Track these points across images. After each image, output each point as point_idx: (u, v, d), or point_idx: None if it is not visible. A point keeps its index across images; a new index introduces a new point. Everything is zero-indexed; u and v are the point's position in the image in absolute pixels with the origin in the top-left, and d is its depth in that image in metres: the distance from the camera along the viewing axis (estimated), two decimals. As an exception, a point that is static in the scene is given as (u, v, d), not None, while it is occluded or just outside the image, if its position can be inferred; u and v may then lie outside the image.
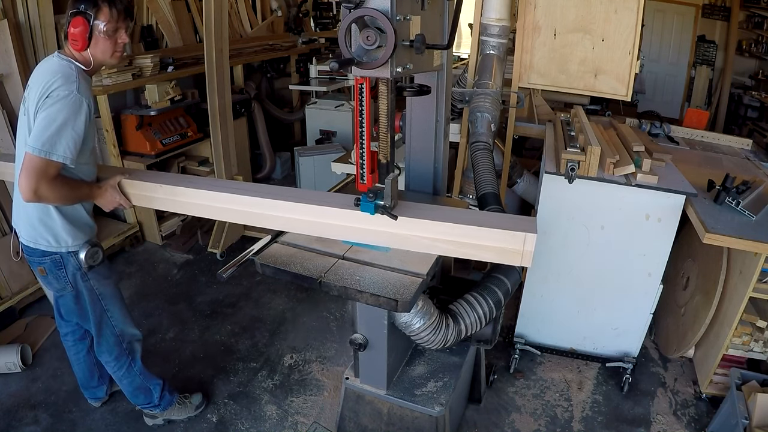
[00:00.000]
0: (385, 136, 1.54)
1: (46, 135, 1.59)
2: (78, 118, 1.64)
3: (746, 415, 2.03)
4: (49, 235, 1.82)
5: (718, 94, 6.05)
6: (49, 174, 1.62)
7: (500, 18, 2.71)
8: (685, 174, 2.40)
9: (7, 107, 2.89)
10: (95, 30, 1.70)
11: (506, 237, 1.44)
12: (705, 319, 2.42)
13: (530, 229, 1.43)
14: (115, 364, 2.11)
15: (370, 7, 1.28)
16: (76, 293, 1.95)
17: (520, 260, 1.45)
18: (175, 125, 3.80)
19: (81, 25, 1.67)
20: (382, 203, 1.49)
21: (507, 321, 2.83)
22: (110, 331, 2.05)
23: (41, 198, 1.64)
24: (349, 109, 4.66)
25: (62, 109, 1.61)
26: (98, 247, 1.92)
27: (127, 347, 2.11)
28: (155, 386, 2.22)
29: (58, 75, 1.65)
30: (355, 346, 1.82)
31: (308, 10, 6.20)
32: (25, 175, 1.59)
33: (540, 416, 2.42)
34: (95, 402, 2.38)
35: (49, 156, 1.59)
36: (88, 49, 1.72)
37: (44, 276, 1.92)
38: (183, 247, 3.79)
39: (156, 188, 1.85)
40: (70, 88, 1.63)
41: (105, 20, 1.70)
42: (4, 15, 2.81)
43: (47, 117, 1.60)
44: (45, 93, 1.62)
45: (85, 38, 1.69)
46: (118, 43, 1.77)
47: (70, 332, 2.19)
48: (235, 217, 1.78)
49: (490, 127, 2.36)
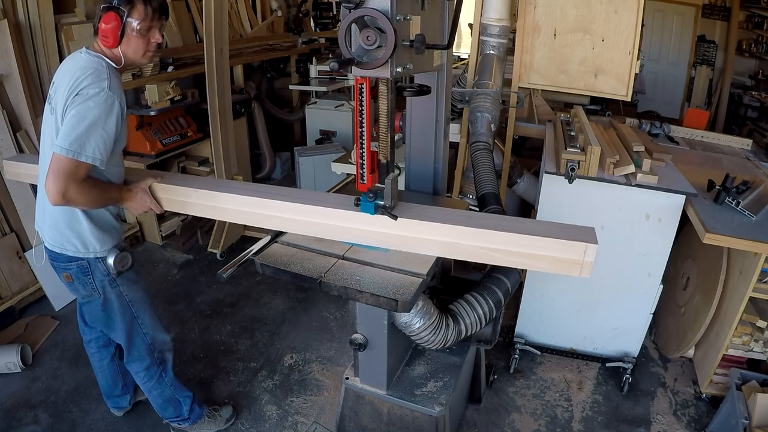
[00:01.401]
0: (385, 136, 1.54)
1: (75, 134, 1.51)
2: (109, 117, 1.56)
3: (746, 415, 2.03)
4: (76, 240, 1.74)
5: (718, 94, 6.05)
6: (78, 176, 1.54)
7: (500, 18, 2.71)
8: (685, 174, 2.40)
9: (7, 107, 2.89)
10: (128, 27, 1.62)
11: (566, 247, 1.38)
12: (705, 319, 2.42)
13: (590, 240, 1.38)
14: (145, 374, 2.03)
15: (370, 7, 1.28)
16: (103, 300, 1.86)
17: (579, 271, 1.40)
18: (175, 125, 3.80)
19: (113, 21, 1.59)
20: (382, 203, 1.49)
21: (507, 321, 2.83)
22: (141, 339, 1.97)
23: (69, 201, 1.56)
24: (349, 109, 4.65)
25: (93, 107, 1.53)
26: (127, 251, 1.84)
27: (158, 357, 2.03)
28: (185, 399, 2.14)
29: (87, 71, 1.57)
30: (355, 346, 1.82)
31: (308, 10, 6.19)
32: (53, 176, 1.51)
33: (540, 416, 2.42)
34: (118, 411, 2.32)
35: (77, 156, 1.52)
36: (119, 46, 1.64)
37: (70, 282, 1.83)
38: (183, 247, 3.79)
39: (190, 193, 1.77)
40: (100, 86, 1.55)
41: (139, 18, 1.62)
42: (4, 15, 2.81)
43: (76, 115, 1.53)
44: (74, 90, 1.55)
45: (117, 35, 1.61)
46: (151, 42, 1.69)
47: (93, 339, 2.13)
48: (277, 224, 1.69)
49: (490, 127, 2.35)
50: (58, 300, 3.03)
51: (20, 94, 2.89)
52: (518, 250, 1.43)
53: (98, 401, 2.39)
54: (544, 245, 1.40)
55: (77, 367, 2.61)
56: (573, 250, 1.38)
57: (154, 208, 1.79)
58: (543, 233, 1.41)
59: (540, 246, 1.40)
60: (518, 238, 1.42)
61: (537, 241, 1.40)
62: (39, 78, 3.05)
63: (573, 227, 1.47)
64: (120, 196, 1.74)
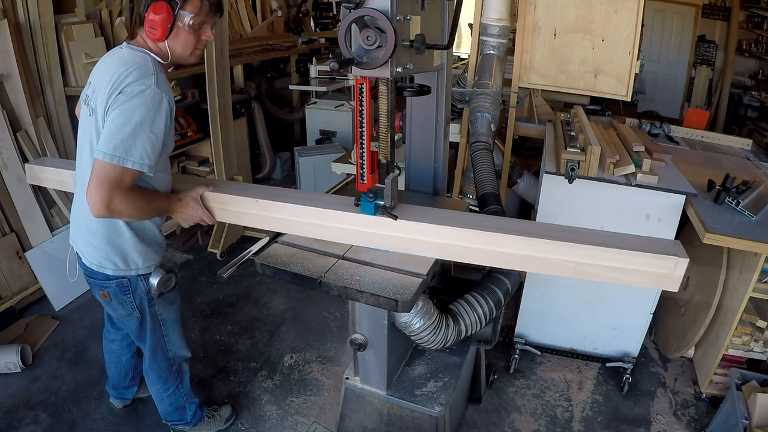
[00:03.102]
0: (385, 136, 1.54)
1: (120, 138, 1.37)
2: (157, 116, 1.42)
3: (746, 415, 2.03)
4: (117, 256, 1.61)
5: (718, 94, 6.05)
6: (125, 184, 1.40)
7: (500, 18, 2.71)
8: (685, 174, 2.40)
9: (7, 107, 2.89)
10: (179, 20, 1.48)
11: (657, 261, 1.38)
12: (705, 319, 2.42)
13: (680, 254, 1.37)
14: (162, 386, 2.00)
15: (370, 7, 1.28)
16: (141, 318, 1.76)
17: (668, 285, 1.40)
18: (175, 125, 3.79)
19: (164, 12, 1.44)
20: (382, 203, 1.49)
21: (507, 321, 2.83)
22: (163, 356, 1.92)
23: (114, 212, 1.41)
24: (349, 109, 4.65)
25: (138, 106, 1.39)
26: (173, 273, 1.72)
27: (177, 369, 1.99)
28: (191, 405, 2.11)
29: (132, 67, 1.43)
30: (355, 346, 1.82)
31: (308, 10, 6.19)
32: (96, 185, 1.37)
33: (540, 416, 2.42)
34: (118, 403, 2.31)
35: (123, 163, 1.38)
36: (166, 40, 1.50)
37: (108, 301, 1.71)
38: (183, 247, 3.79)
39: (250, 203, 1.63)
40: (146, 82, 1.41)
41: (193, 12, 1.48)
42: (4, 15, 2.81)
43: (120, 116, 1.38)
44: (117, 88, 1.40)
45: (166, 28, 1.46)
46: (202, 39, 1.56)
47: (118, 339, 2.09)
48: (351, 238, 1.60)
49: (490, 127, 2.35)
50: (58, 300, 3.03)
51: (20, 94, 2.89)
52: (613, 265, 1.41)
53: (98, 401, 2.39)
54: (637, 260, 1.39)
55: (77, 367, 2.61)
56: (663, 265, 1.37)
57: (207, 219, 1.65)
58: (634, 248, 1.39)
59: (633, 261, 1.39)
60: (612, 253, 1.40)
61: (630, 256, 1.39)
62: (39, 78, 3.05)
63: (662, 241, 1.45)
64: (169, 206, 1.59)
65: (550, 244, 1.43)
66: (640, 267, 1.39)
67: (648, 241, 1.46)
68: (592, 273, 1.43)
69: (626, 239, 1.46)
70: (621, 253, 1.39)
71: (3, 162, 2.84)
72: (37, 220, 3.01)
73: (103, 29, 3.38)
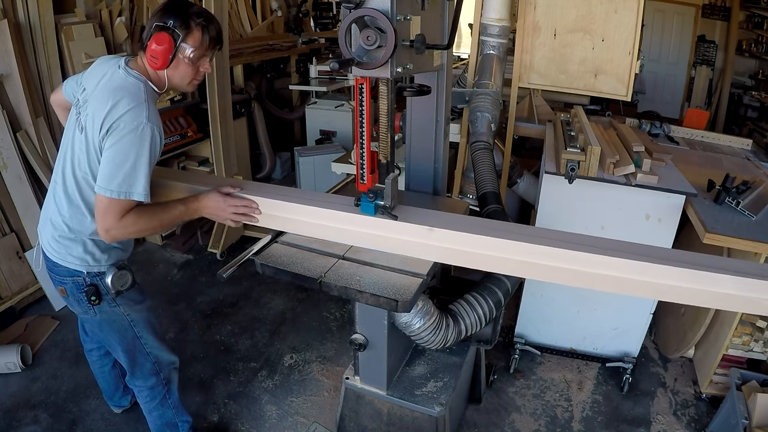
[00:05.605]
0: (385, 136, 1.54)
1: (122, 175, 1.44)
2: (152, 150, 1.48)
3: (746, 415, 2.03)
4: (75, 252, 1.63)
5: (718, 94, 6.05)
6: (126, 210, 1.47)
7: (500, 18, 2.71)
8: (685, 174, 2.40)
9: (7, 107, 2.89)
10: (180, 52, 1.53)
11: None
12: (705, 319, 2.42)
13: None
14: (148, 393, 1.93)
15: (370, 7, 1.28)
16: (99, 319, 1.75)
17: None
18: (175, 125, 3.79)
19: (166, 44, 1.49)
20: (382, 203, 1.49)
21: (507, 321, 2.83)
22: (145, 358, 1.86)
23: (132, 234, 1.52)
24: (349, 109, 4.65)
25: (132, 143, 1.45)
26: (126, 269, 1.72)
27: (165, 377, 1.94)
28: (184, 424, 2.04)
29: (124, 97, 1.47)
30: (355, 346, 1.82)
31: (308, 10, 6.19)
32: (103, 218, 1.46)
33: (540, 416, 2.42)
34: (117, 409, 2.32)
35: (129, 196, 1.46)
36: (166, 69, 1.55)
37: (65, 297, 1.73)
38: (183, 247, 3.79)
39: (286, 207, 1.62)
40: (138, 119, 1.46)
41: (194, 45, 1.53)
42: (4, 15, 2.81)
43: (119, 155, 1.45)
44: (109, 120, 1.45)
45: (167, 58, 1.51)
46: (200, 71, 1.60)
47: (95, 348, 2.08)
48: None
49: (490, 127, 2.36)
50: (58, 300, 3.03)
51: (20, 94, 2.89)
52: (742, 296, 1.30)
53: (98, 401, 2.39)
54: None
55: (77, 367, 2.60)
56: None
57: (249, 213, 1.62)
58: (739, 272, 1.30)
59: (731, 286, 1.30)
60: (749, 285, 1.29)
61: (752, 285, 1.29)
62: (39, 78, 3.05)
63: (758, 266, 1.38)
64: (186, 209, 1.60)
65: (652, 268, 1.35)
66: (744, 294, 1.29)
67: (750, 266, 1.35)
68: (708, 301, 1.33)
69: (735, 265, 1.34)
70: (759, 285, 1.27)
71: (3, 162, 2.84)
72: (37, 220, 3.01)
73: (103, 29, 3.38)
